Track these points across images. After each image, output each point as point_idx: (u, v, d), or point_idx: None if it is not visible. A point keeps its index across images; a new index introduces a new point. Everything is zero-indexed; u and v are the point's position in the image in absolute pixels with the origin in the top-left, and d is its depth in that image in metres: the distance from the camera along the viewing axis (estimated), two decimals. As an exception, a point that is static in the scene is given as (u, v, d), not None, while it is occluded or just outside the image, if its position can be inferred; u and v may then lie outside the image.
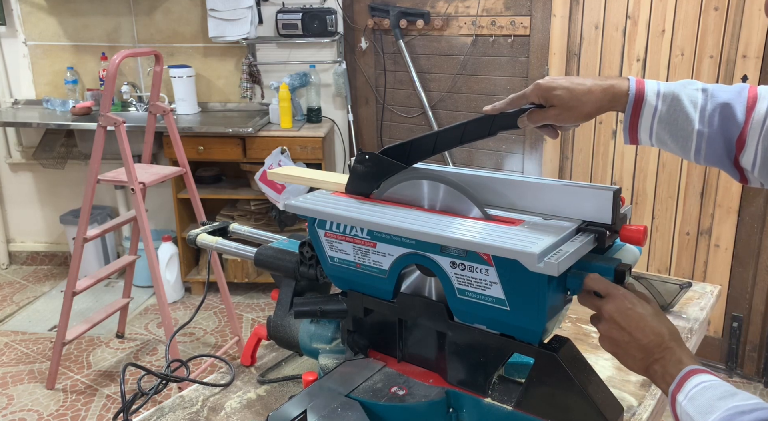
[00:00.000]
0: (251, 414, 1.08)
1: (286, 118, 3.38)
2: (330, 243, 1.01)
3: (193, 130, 3.29)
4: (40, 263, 4.10)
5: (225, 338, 3.16)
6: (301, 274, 1.12)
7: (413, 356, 1.02)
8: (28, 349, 3.10)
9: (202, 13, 3.57)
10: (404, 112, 3.58)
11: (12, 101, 3.80)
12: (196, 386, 1.15)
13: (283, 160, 3.21)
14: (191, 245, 1.28)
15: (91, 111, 3.49)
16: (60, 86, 3.75)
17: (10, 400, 2.70)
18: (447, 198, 0.97)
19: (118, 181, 2.57)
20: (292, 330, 1.14)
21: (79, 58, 3.74)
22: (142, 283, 3.63)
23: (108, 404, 2.67)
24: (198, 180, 3.25)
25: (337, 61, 3.59)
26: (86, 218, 2.57)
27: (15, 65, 3.79)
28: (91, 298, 3.53)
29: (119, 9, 3.64)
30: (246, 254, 1.20)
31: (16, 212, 4.05)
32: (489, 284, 0.85)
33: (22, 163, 3.93)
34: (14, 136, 3.89)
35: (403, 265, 0.94)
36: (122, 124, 2.43)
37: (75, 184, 3.89)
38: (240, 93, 3.67)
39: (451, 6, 3.31)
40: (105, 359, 3.01)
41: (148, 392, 1.10)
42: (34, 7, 3.68)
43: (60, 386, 2.79)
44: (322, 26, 3.46)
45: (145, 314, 3.44)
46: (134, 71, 3.77)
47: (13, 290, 3.74)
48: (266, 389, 1.15)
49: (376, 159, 1.04)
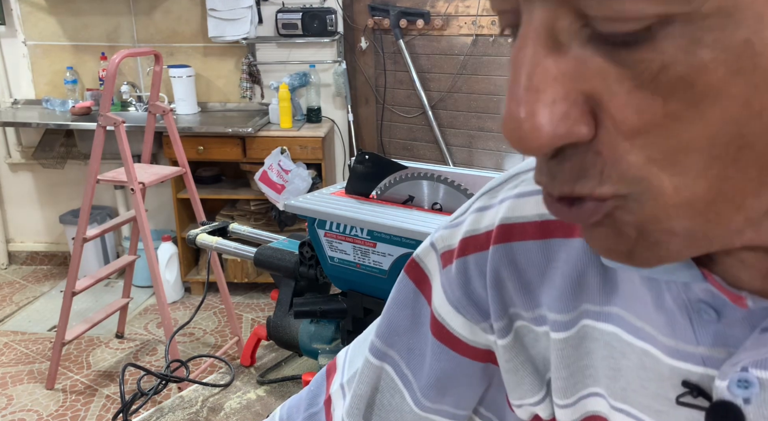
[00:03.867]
0: (251, 415, 1.08)
1: (286, 118, 3.38)
2: (330, 243, 1.01)
3: (192, 130, 3.28)
4: (39, 263, 4.09)
5: (225, 338, 3.16)
6: (300, 274, 1.11)
7: (413, 357, 1.02)
8: (28, 349, 3.09)
9: (202, 13, 3.56)
10: (404, 112, 3.58)
11: (11, 101, 3.80)
12: (196, 387, 1.15)
13: (282, 160, 3.20)
14: (191, 245, 1.28)
15: (91, 111, 3.49)
16: (60, 86, 3.75)
17: (10, 400, 2.70)
18: (447, 198, 0.97)
19: (117, 181, 2.56)
20: (292, 330, 1.14)
21: (78, 57, 3.74)
22: (141, 283, 3.62)
23: (108, 404, 2.67)
24: (198, 180, 3.25)
25: (337, 61, 3.59)
26: (86, 218, 2.57)
27: (14, 65, 3.79)
28: (90, 298, 3.53)
29: (119, 9, 3.64)
30: (246, 254, 1.20)
31: (15, 211, 4.04)
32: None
33: (22, 163, 3.93)
34: (14, 136, 3.89)
35: (402, 265, 0.94)
36: (122, 124, 2.43)
37: (75, 184, 3.88)
38: (240, 93, 3.67)
39: (452, 6, 3.31)
40: (105, 359, 3.00)
41: (147, 393, 1.10)
42: (33, 7, 3.68)
43: (59, 387, 2.79)
44: (322, 26, 3.45)
45: (144, 314, 3.44)
46: (134, 71, 3.77)
47: (12, 290, 3.74)
48: (266, 389, 1.15)
49: (376, 159, 1.04)
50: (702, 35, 0.26)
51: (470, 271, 0.50)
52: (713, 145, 0.28)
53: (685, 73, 0.26)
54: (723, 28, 0.26)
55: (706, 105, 0.27)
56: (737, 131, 0.27)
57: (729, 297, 0.36)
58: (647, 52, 0.27)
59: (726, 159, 0.28)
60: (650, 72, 0.27)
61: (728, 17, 0.25)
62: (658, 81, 0.27)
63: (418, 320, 0.55)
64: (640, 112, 0.28)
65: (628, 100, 0.28)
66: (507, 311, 0.48)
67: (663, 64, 0.27)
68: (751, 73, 0.26)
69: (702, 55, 0.26)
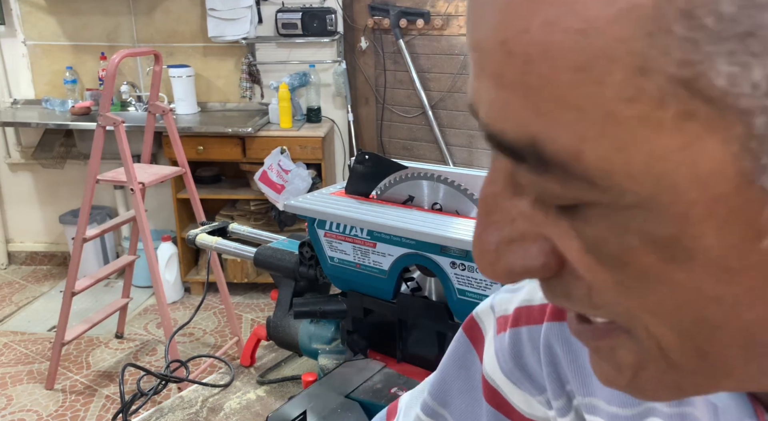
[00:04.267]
0: (251, 415, 1.07)
1: (286, 118, 3.38)
2: (330, 243, 1.01)
3: (192, 130, 3.28)
4: (39, 263, 4.09)
5: (224, 338, 3.16)
6: (300, 274, 1.11)
7: (413, 357, 1.02)
8: (28, 349, 3.09)
9: (202, 13, 3.56)
10: (404, 111, 3.58)
11: (11, 101, 3.80)
12: (196, 387, 1.15)
13: (282, 160, 3.20)
14: (191, 245, 1.27)
15: (91, 111, 3.49)
16: (59, 86, 3.75)
17: (10, 400, 2.69)
18: (447, 198, 0.97)
19: (117, 181, 2.56)
20: (292, 331, 1.14)
21: (78, 57, 3.73)
22: (141, 283, 3.62)
23: (107, 404, 2.67)
24: (197, 180, 3.25)
25: (336, 61, 3.59)
26: (85, 218, 2.57)
27: (14, 65, 3.78)
28: (90, 298, 3.52)
29: (118, 9, 3.63)
30: (245, 254, 1.20)
31: (15, 211, 4.04)
32: (489, 285, 0.85)
33: (21, 163, 3.93)
34: (13, 136, 3.89)
35: (403, 265, 0.94)
36: (121, 123, 2.43)
37: (74, 184, 3.88)
38: (239, 93, 3.66)
39: (452, 5, 3.31)
40: (104, 359, 3.00)
41: (147, 393, 1.09)
42: (33, 7, 3.68)
43: (59, 387, 2.79)
44: (321, 26, 3.45)
45: (144, 314, 3.43)
46: (133, 71, 3.76)
47: (12, 291, 3.74)
48: (266, 389, 1.15)
49: (376, 159, 1.04)
50: (627, 223, 0.25)
51: (523, 343, 0.48)
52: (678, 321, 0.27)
53: (619, 253, 0.26)
54: (645, 221, 0.25)
55: (649, 285, 0.26)
56: (698, 315, 0.26)
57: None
58: (583, 224, 0.26)
59: (699, 337, 0.27)
60: (591, 242, 0.27)
61: (649, 212, 0.24)
62: (600, 252, 0.26)
63: (472, 383, 0.53)
64: (593, 274, 0.27)
65: (580, 259, 0.27)
66: (564, 389, 0.46)
67: (597, 238, 0.26)
68: (688, 263, 0.25)
69: (630, 241, 0.25)
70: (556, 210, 0.27)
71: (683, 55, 0.22)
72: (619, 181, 0.24)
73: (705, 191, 0.23)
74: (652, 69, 0.22)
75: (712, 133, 0.22)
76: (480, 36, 0.26)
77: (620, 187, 0.24)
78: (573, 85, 0.23)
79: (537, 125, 0.25)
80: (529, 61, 0.24)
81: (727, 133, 0.22)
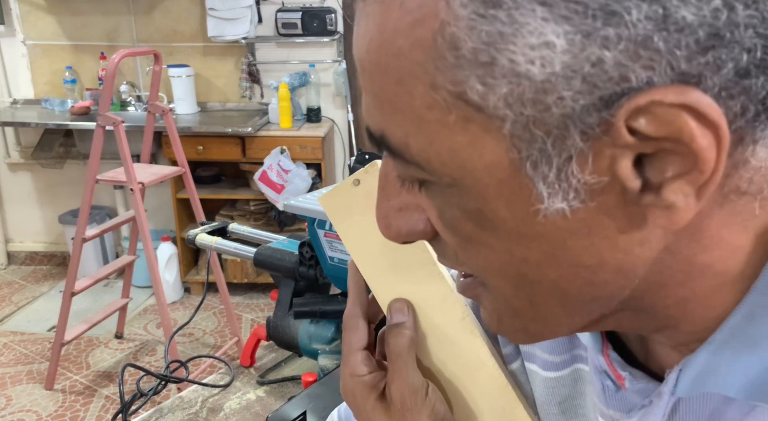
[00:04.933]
0: (250, 415, 1.07)
1: (286, 118, 3.37)
2: (330, 243, 1.00)
3: (192, 130, 3.28)
4: (38, 263, 4.09)
5: (224, 338, 3.16)
6: (300, 274, 1.11)
7: (414, 357, 1.01)
8: (27, 349, 3.09)
9: (202, 12, 3.56)
10: (404, 111, 3.57)
11: (11, 101, 3.80)
12: (196, 387, 1.15)
13: (282, 160, 3.20)
14: (190, 245, 1.27)
15: (90, 111, 3.48)
16: (59, 86, 3.74)
17: (9, 400, 2.69)
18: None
19: (117, 181, 2.56)
20: (292, 331, 1.13)
21: (77, 57, 3.73)
22: (141, 283, 3.61)
23: (107, 404, 2.67)
24: (197, 180, 3.24)
25: (337, 61, 3.59)
26: (85, 218, 2.57)
27: (14, 65, 3.78)
28: (89, 298, 3.52)
29: (118, 8, 3.63)
30: (245, 254, 1.20)
31: (14, 211, 4.04)
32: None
33: (21, 163, 3.92)
34: (13, 135, 3.88)
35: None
36: (121, 123, 2.42)
37: (74, 184, 3.88)
38: (239, 92, 3.66)
39: (451, 5, 3.30)
40: (104, 359, 3.00)
41: (147, 393, 1.09)
42: (32, 7, 3.67)
43: (59, 387, 2.78)
44: (321, 25, 3.45)
45: (144, 314, 3.43)
46: (133, 71, 3.76)
47: (11, 291, 3.73)
48: (266, 390, 1.15)
49: (376, 159, 1.04)
50: (450, 198, 0.33)
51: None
52: (507, 277, 0.34)
53: (452, 220, 0.33)
54: (459, 196, 0.32)
55: (474, 247, 0.34)
56: (518, 272, 0.33)
57: (614, 374, 0.40)
58: (431, 197, 0.34)
59: (526, 290, 0.34)
60: (439, 211, 0.34)
61: (461, 190, 0.31)
62: (444, 219, 0.34)
63: None
64: (446, 236, 0.35)
65: (437, 224, 0.35)
66: None
67: (440, 209, 0.34)
68: (494, 231, 0.32)
69: (454, 212, 0.33)
70: (418, 185, 0.35)
71: (453, 76, 0.29)
72: (436, 167, 0.31)
73: (492, 176, 0.30)
74: (438, 85, 0.29)
75: (487, 133, 0.29)
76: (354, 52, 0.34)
77: (439, 171, 0.31)
78: (396, 94, 0.31)
79: (383, 123, 0.33)
80: (372, 75, 0.32)
81: (496, 134, 0.29)
